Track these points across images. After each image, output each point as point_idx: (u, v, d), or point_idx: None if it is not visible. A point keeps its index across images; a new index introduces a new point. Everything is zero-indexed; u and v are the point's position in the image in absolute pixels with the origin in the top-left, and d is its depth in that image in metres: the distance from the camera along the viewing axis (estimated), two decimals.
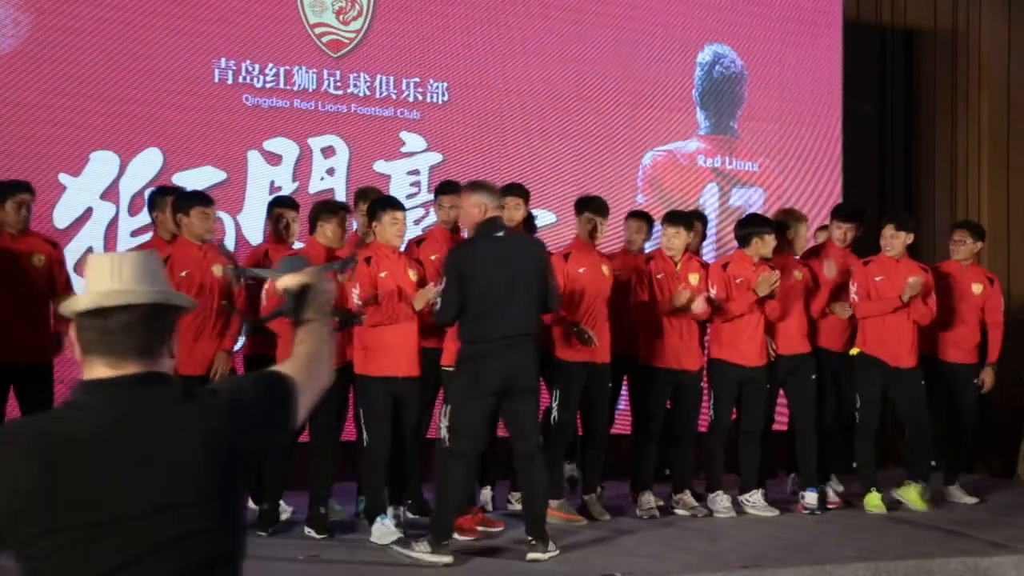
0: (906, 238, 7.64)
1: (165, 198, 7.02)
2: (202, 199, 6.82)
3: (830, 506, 7.55)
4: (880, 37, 10.76)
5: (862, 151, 10.44)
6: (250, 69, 8.38)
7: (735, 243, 7.91)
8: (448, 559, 5.87)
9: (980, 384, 8.02)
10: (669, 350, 7.25)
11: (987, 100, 10.93)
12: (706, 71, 9.75)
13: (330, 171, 8.57)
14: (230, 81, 8.34)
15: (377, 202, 6.73)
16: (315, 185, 8.45)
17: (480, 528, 6.54)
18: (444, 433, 6.47)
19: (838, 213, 8.09)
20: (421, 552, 5.93)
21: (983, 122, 10.94)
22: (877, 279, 7.56)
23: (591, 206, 7.30)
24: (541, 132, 9.12)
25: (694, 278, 7.38)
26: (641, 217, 7.96)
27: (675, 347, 7.28)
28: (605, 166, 9.25)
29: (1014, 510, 7.68)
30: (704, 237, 8.53)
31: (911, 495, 7.54)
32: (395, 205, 6.67)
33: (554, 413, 7.06)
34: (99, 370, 2.14)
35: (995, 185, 10.98)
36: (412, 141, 8.80)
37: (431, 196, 8.55)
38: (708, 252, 8.93)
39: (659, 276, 7.30)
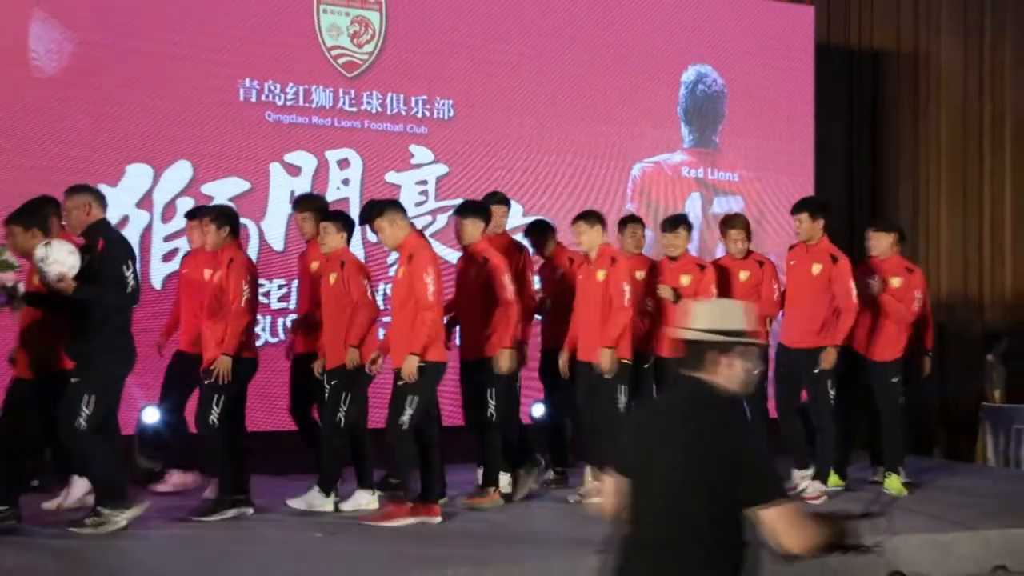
0: (886, 239, 7.59)
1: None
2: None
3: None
4: (848, 58, 10.88)
5: (832, 162, 10.50)
6: (272, 88, 8.43)
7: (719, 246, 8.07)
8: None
9: (899, 379, 7.59)
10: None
11: (945, 116, 11.14)
12: (690, 89, 9.79)
13: (345, 181, 8.61)
14: (254, 100, 8.38)
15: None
16: (332, 194, 8.35)
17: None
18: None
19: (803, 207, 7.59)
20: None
21: (942, 136, 11.15)
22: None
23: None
24: (538, 146, 9.13)
25: (686, 279, 7.35)
26: (637, 222, 7.84)
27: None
28: (597, 177, 9.28)
29: (971, 491, 7.61)
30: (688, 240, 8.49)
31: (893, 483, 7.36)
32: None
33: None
34: None
35: (953, 194, 11.15)
36: (420, 154, 8.83)
37: (438, 204, 8.77)
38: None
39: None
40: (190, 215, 7.40)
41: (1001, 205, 11.35)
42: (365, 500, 6.53)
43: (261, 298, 7.64)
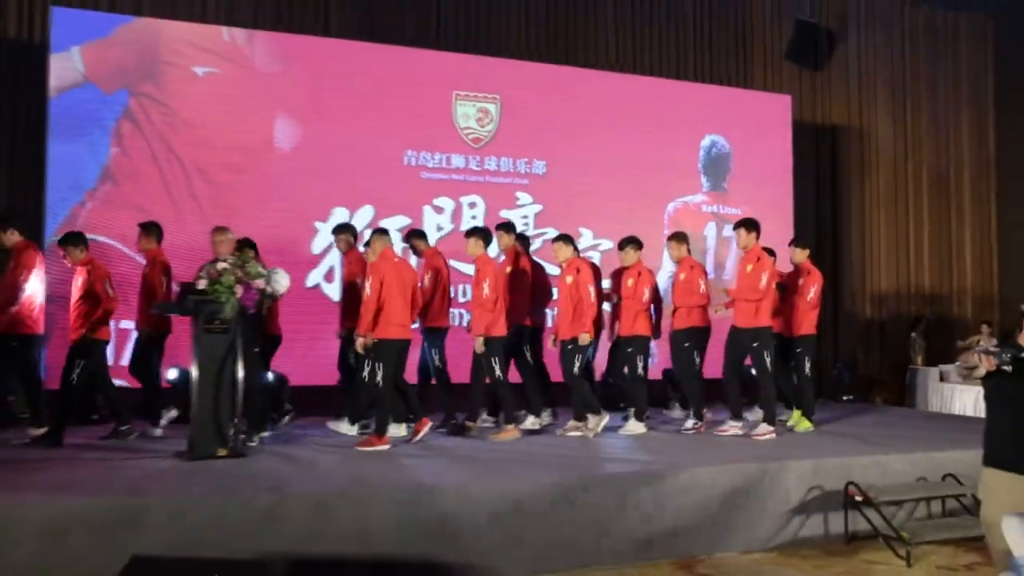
0: (803, 252, 7.24)
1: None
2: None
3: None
4: (815, 130, 10.90)
5: (805, 201, 10.56)
6: (425, 156, 8.74)
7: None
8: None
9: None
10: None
11: (882, 170, 11.19)
12: (707, 151, 9.93)
13: (473, 217, 8.83)
14: (413, 164, 8.70)
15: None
16: (465, 225, 8.41)
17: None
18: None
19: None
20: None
21: (881, 184, 11.24)
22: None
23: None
24: (602, 190, 9.26)
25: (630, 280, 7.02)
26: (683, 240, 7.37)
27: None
28: (643, 211, 9.34)
29: (901, 426, 7.48)
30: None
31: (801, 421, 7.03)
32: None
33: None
34: None
35: (888, 222, 11.20)
36: (523, 198, 9.10)
37: (535, 232, 8.91)
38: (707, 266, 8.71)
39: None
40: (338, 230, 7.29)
41: (922, 231, 11.32)
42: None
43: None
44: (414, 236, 7.29)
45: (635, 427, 6.90)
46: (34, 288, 6.40)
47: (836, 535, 5.39)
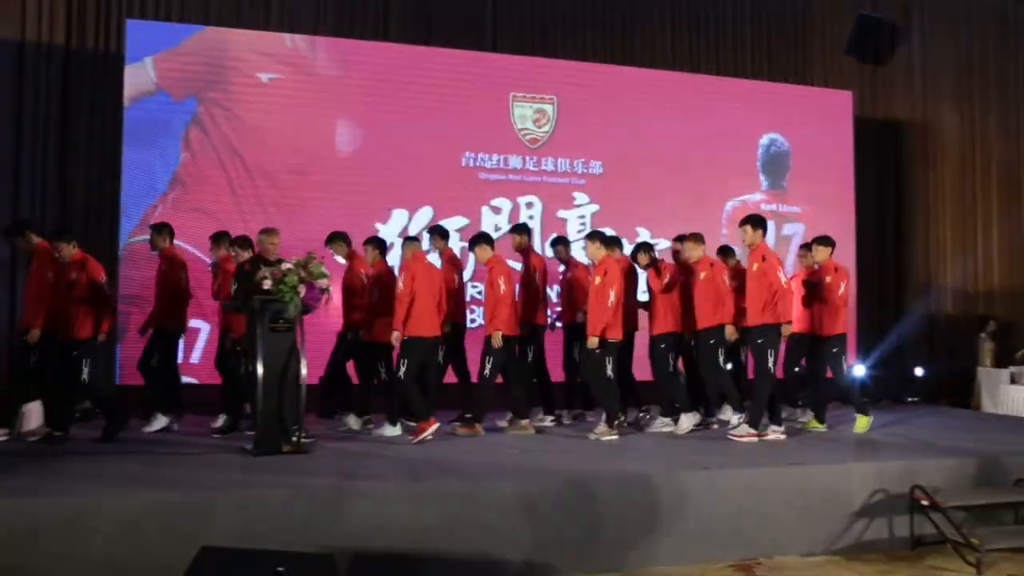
0: (825, 250, 7.10)
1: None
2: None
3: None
4: (878, 126, 10.72)
5: (867, 199, 10.37)
6: (483, 157, 8.86)
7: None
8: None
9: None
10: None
11: (948, 166, 10.87)
12: (765, 149, 9.86)
13: (530, 217, 8.90)
14: (472, 165, 8.82)
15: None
16: None
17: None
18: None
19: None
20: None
21: (947, 186, 10.90)
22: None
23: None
24: (660, 190, 9.22)
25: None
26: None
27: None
28: (701, 211, 9.19)
29: (973, 429, 7.25)
30: None
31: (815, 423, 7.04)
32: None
33: None
34: None
35: (955, 221, 10.90)
36: (580, 198, 9.13)
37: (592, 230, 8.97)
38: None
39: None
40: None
41: (990, 229, 11.04)
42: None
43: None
44: (479, 240, 7.15)
45: (685, 422, 6.87)
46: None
47: (901, 540, 5.26)
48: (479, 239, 6.82)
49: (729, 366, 7.03)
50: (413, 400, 6.25)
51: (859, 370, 8.68)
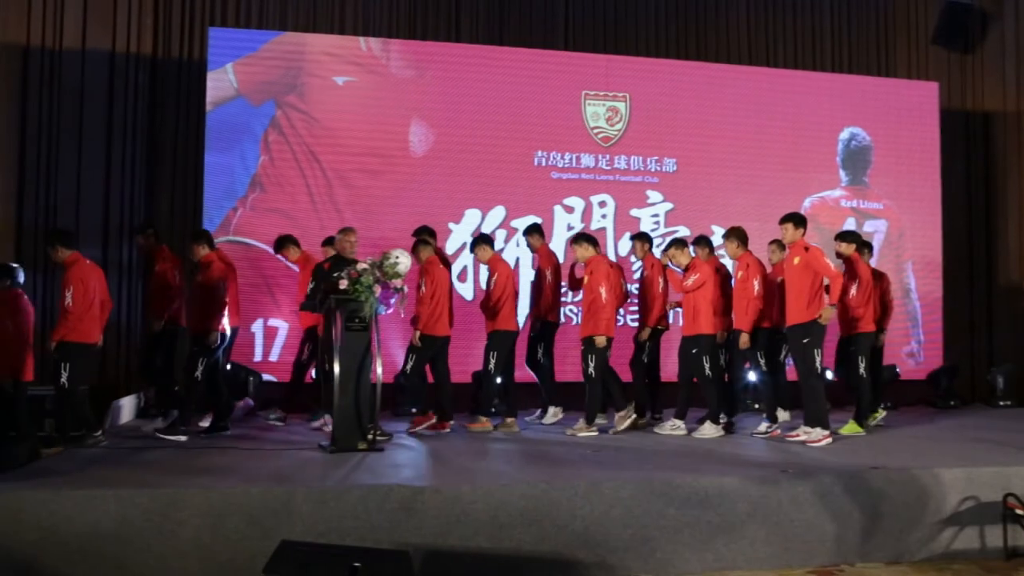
0: (848, 246, 6.97)
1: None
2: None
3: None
4: (965, 118, 10.43)
5: (955, 195, 10.13)
6: (555, 156, 8.82)
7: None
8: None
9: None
10: None
11: None
12: (845, 144, 9.62)
13: (603, 216, 8.87)
14: (544, 164, 8.79)
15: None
16: (595, 224, 8.74)
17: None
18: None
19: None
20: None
21: None
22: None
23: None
24: (736, 186, 9.12)
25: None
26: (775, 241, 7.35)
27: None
28: (779, 208, 8.30)
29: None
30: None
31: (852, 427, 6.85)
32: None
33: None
34: None
35: None
36: (653, 196, 9.03)
37: (667, 230, 8.83)
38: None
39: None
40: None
41: None
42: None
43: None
44: (480, 241, 7.28)
45: (710, 430, 6.80)
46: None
47: (994, 550, 5.03)
48: (479, 240, 7.08)
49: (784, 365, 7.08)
50: (417, 391, 7.01)
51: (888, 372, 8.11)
